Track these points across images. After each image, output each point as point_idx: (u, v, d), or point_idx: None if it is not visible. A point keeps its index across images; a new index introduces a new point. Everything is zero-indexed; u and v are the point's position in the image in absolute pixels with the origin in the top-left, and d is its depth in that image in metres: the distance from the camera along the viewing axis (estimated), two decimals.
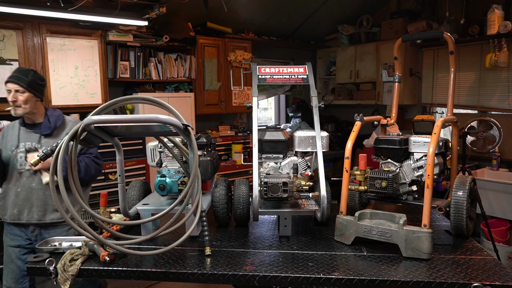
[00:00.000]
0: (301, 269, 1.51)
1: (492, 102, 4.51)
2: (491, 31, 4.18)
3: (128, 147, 3.80)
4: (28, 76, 2.24)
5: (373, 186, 1.87)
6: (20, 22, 3.39)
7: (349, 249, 1.71)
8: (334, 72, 5.98)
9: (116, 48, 4.06)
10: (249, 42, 5.08)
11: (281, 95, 6.15)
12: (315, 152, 1.93)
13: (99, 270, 1.53)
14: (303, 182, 1.82)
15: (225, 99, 4.93)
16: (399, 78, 2.35)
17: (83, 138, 1.53)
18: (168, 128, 1.54)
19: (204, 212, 1.65)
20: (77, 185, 1.50)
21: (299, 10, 5.16)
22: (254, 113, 1.94)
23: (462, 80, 4.67)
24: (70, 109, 3.75)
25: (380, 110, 5.53)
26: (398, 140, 1.95)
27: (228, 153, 4.92)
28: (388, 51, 5.10)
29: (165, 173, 1.79)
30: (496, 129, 4.31)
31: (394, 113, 2.31)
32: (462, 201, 1.73)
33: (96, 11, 3.55)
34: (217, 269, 1.51)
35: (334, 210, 1.98)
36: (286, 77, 2.09)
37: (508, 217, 3.85)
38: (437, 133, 1.71)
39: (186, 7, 4.10)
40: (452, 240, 1.84)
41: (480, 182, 3.82)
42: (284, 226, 1.85)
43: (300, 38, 5.83)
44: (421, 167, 1.90)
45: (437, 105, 5.10)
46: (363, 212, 1.79)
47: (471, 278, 1.43)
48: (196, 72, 4.65)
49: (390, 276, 1.45)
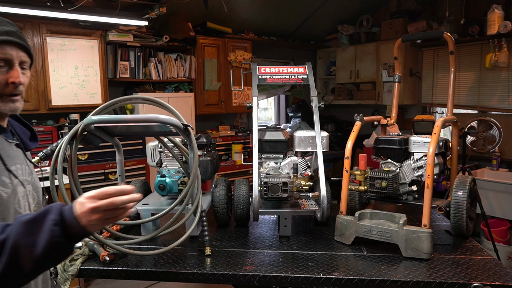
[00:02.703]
0: (301, 269, 1.51)
1: (492, 102, 4.51)
2: (491, 31, 4.18)
3: (128, 147, 3.80)
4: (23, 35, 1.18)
5: (373, 186, 1.87)
6: (20, 22, 3.39)
7: (349, 249, 1.71)
8: (334, 72, 5.97)
9: (116, 48, 4.06)
10: (249, 42, 5.08)
11: (281, 95, 6.15)
12: (315, 152, 1.93)
13: (99, 270, 1.53)
14: (303, 182, 1.82)
15: (225, 99, 4.93)
16: (399, 78, 2.34)
17: (83, 138, 1.53)
18: (168, 128, 1.55)
19: (204, 212, 1.65)
20: (77, 185, 1.50)
21: (299, 10, 5.16)
22: (254, 113, 1.94)
23: (462, 80, 4.67)
24: (70, 109, 3.75)
25: (380, 110, 5.53)
26: (398, 140, 1.95)
27: (228, 153, 4.92)
28: (388, 51, 5.10)
29: (165, 173, 1.79)
30: (496, 129, 4.31)
31: (394, 113, 2.31)
32: (462, 201, 1.73)
33: (96, 11, 3.55)
34: (217, 269, 1.51)
35: (334, 210, 1.98)
36: (286, 77, 2.09)
37: (508, 217, 3.85)
38: (437, 133, 1.71)
39: (186, 7, 4.10)
40: (452, 240, 1.84)
41: (480, 182, 3.82)
42: (284, 226, 1.85)
43: (300, 38, 5.83)
44: (421, 167, 1.90)
45: (437, 105, 5.10)
46: (363, 212, 1.79)
47: (471, 278, 1.43)
48: (196, 72, 4.65)
49: (390, 276, 1.45)
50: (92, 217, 0.85)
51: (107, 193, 0.88)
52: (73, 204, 0.87)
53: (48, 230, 0.80)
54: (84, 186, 3.46)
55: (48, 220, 0.81)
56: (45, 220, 0.81)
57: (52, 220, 0.82)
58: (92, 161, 3.66)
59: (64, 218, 0.84)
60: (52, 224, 0.81)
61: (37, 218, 0.83)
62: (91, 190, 0.88)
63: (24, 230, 0.81)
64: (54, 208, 0.85)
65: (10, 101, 1.08)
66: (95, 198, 0.87)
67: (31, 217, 0.83)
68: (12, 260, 0.79)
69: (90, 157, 3.66)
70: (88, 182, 3.59)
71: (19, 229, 0.81)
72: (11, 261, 0.79)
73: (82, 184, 2.93)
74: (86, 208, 0.85)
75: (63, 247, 0.83)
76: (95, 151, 3.64)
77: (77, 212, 0.85)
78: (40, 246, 0.79)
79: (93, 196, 0.87)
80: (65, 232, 0.83)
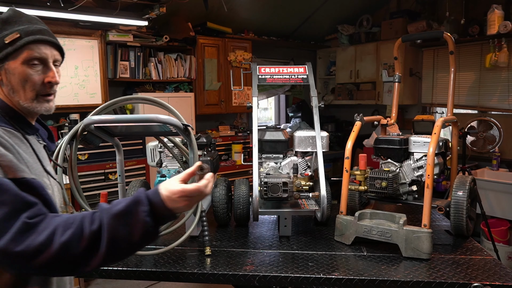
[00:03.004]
0: (301, 269, 1.51)
1: (492, 102, 4.51)
2: (491, 31, 4.18)
3: (128, 147, 3.80)
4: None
5: (373, 186, 1.87)
6: None
7: (349, 249, 1.71)
8: (334, 72, 5.97)
9: (116, 48, 4.06)
10: (249, 42, 5.07)
11: (281, 95, 6.15)
12: (315, 152, 1.93)
13: (99, 270, 1.53)
14: (303, 182, 1.82)
15: (225, 99, 4.93)
16: (399, 78, 2.35)
17: (83, 138, 1.53)
18: (168, 128, 1.55)
19: (204, 212, 1.65)
20: (77, 185, 1.50)
21: (299, 10, 5.16)
22: (254, 113, 1.94)
23: (462, 80, 4.66)
24: (70, 109, 3.75)
25: (380, 110, 5.53)
26: (398, 140, 1.95)
27: (228, 153, 4.91)
28: (388, 51, 5.10)
29: (165, 173, 1.79)
30: (496, 129, 4.31)
31: (394, 113, 2.31)
32: (462, 201, 1.73)
33: (96, 11, 3.55)
34: (217, 269, 1.51)
35: (334, 210, 1.98)
36: (286, 77, 2.09)
37: (508, 217, 3.85)
38: (437, 133, 1.71)
39: (186, 7, 4.09)
40: (452, 240, 1.84)
41: (480, 182, 3.82)
42: (284, 226, 1.85)
43: (300, 38, 5.83)
44: (421, 167, 1.90)
45: (437, 105, 5.10)
46: (363, 212, 1.79)
47: (471, 278, 1.43)
48: (196, 72, 4.65)
49: (390, 276, 1.45)
50: (180, 202, 0.90)
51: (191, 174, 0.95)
52: (159, 189, 0.90)
53: (141, 222, 0.86)
54: (84, 186, 3.46)
55: (140, 211, 0.86)
56: (138, 211, 0.86)
57: (144, 211, 0.86)
58: (92, 161, 3.65)
59: (153, 206, 0.88)
60: (144, 216, 0.86)
61: (129, 210, 0.87)
62: (91, 190, 0.89)
63: (118, 222, 0.85)
64: (142, 198, 0.88)
65: (45, 101, 1.06)
66: (182, 181, 0.92)
67: (123, 209, 0.86)
68: (111, 251, 0.85)
69: (90, 157, 3.66)
70: (88, 182, 3.58)
71: (113, 222, 0.86)
72: (110, 253, 0.85)
73: (82, 184, 2.93)
74: (173, 192, 0.90)
75: (154, 234, 0.90)
76: (95, 151, 3.63)
77: (163, 196, 0.89)
78: (135, 237, 0.86)
79: (181, 179, 0.93)
80: (156, 220, 0.89)
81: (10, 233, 0.81)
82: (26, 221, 0.83)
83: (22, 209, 0.84)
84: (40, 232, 0.83)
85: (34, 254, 0.81)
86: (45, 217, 0.86)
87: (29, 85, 1.02)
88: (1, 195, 0.84)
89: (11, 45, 0.98)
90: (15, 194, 0.85)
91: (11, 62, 1.00)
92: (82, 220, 0.86)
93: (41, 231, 0.83)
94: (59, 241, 0.82)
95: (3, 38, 0.99)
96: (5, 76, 1.01)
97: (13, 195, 0.84)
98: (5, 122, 0.99)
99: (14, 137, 0.99)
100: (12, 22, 1.01)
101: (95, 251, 0.85)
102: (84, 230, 0.85)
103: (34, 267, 0.83)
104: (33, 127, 1.09)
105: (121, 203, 0.88)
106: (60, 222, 0.85)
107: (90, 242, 0.84)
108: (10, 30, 1.00)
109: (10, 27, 1.00)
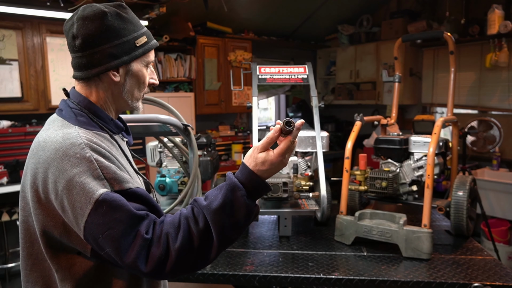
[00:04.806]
0: (301, 269, 1.51)
1: (492, 102, 4.50)
2: (491, 31, 4.18)
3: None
4: None
5: (373, 186, 1.87)
6: (20, 22, 3.39)
7: (349, 249, 1.71)
8: (334, 72, 5.97)
9: None
10: (249, 42, 5.07)
11: (281, 95, 6.15)
12: (315, 152, 1.93)
13: None
14: (303, 182, 1.82)
15: (225, 99, 4.93)
16: (399, 78, 2.34)
17: None
18: (168, 128, 1.55)
19: None
20: None
21: (299, 10, 5.16)
22: (254, 113, 1.94)
23: (462, 80, 4.66)
24: None
25: (380, 110, 5.53)
26: (398, 140, 1.95)
27: (228, 153, 4.91)
28: (388, 51, 5.10)
29: (165, 173, 1.79)
30: (496, 129, 4.31)
31: (394, 113, 2.31)
32: (462, 201, 1.73)
33: None
34: (217, 269, 1.51)
35: (334, 210, 1.98)
36: (286, 77, 2.09)
37: (508, 217, 3.85)
38: (437, 133, 1.71)
39: (186, 7, 4.09)
40: (452, 240, 1.84)
41: (480, 182, 3.81)
42: (284, 226, 1.84)
43: (300, 38, 5.83)
44: (421, 167, 1.90)
45: (437, 105, 5.10)
46: (363, 212, 1.78)
47: (471, 278, 1.42)
48: (196, 72, 4.65)
49: (390, 276, 1.45)
50: (269, 171, 0.93)
51: (273, 139, 0.97)
52: (247, 166, 0.92)
53: (243, 206, 0.88)
54: None
55: (238, 197, 0.88)
56: (236, 197, 0.88)
57: (243, 195, 0.88)
58: None
59: (247, 186, 0.90)
60: (244, 200, 0.88)
61: (228, 201, 0.88)
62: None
63: (222, 214, 0.87)
64: (236, 183, 0.90)
65: (141, 101, 1.10)
66: (265, 149, 0.94)
67: (222, 202, 0.88)
68: (223, 241, 0.89)
69: None
70: None
71: (217, 216, 0.87)
72: (222, 243, 0.89)
73: None
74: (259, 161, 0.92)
75: (256, 210, 0.93)
76: None
77: (256, 171, 0.91)
78: (241, 220, 0.89)
79: (263, 147, 0.94)
80: (253, 197, 0.91)
81: (134, 251, 0.84)
82: (144, 237, 0.85)
83: (137, 223, 0.86)
84: (157, 245, 0.86)
85: (160, 267, 0.85)
86: (155, 226, 0.88)
87: (143, 86, 1.06)
88: (116, 212, 0.84)
89: (140, 47, 1.01)
90: (128, 210, 0.86)
91: (135, 63, 1.02)
92: (187, 221, 0.89)
93: (157, 244, 0.86)
94: (173, 248, 0.86)
95: (135, 41, 1.00)
96: (124, 77, 1.01)
97: (127, 211, 0.85)
98: (93, 125, 0.98)
99: (106, 140, 0.98)
100: (128, 20, 1.01)
101: (209, 246, 0.88)
102: (192, 231, 0.87)
103: (162, 278, 0.89)
104: (119, 126, 1.07)
105: (216, 196, 0.89)
106: (168, 228, 0.88)
107: (202, 240, 0.87)
108: (136, 31, 1.01)
109: (132, 26, 1.01)
